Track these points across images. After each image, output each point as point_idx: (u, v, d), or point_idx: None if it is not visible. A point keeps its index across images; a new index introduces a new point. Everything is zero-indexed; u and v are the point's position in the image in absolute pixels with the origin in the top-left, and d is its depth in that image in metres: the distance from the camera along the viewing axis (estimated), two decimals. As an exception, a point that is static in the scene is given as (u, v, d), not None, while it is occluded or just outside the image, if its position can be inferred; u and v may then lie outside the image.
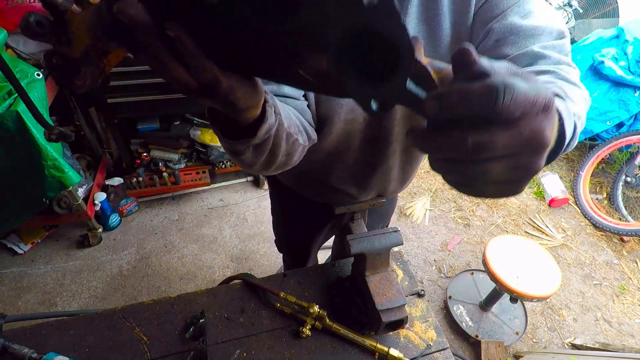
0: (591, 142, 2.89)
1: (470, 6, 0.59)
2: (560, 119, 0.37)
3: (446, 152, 0.25)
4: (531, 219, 2.57)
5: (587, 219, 2.58)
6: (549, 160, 0.34)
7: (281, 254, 1.56)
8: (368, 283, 0.82)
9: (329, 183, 0.94)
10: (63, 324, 0.86)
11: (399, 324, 0.81)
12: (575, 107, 0.44)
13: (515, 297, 1.63)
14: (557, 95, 0.42)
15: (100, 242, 2.20)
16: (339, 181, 0.93)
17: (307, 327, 0.85)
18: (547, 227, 2.52)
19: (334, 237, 1.33)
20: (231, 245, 2.26)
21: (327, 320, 0.85)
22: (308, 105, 0.69)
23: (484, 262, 1.69)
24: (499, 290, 1.70)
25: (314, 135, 0.70)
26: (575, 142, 0.45)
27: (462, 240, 2.40)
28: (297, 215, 1.16)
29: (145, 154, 2.34)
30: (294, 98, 0.67)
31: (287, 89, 0.65)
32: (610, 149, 2.66)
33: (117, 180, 2.38)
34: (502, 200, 2.67)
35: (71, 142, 2.22)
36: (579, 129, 0.44)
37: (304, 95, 0.68)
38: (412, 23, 0.61)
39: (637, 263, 2.36)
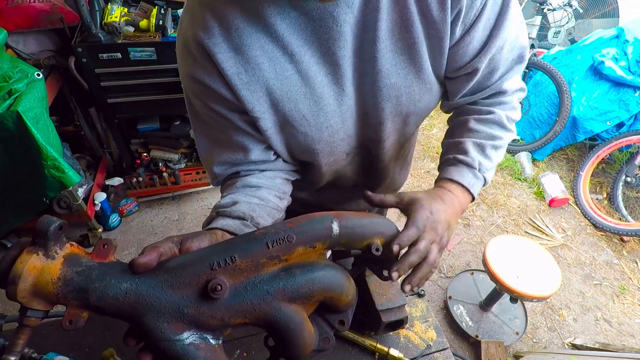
0: (591, 142, 2.89)
1: (443, 32, 0.59)
2: (472, 192, 0.69)
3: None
4: (531, 219, 2.57)
5: (587, 219, 2.58)
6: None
7: None
8: (368, 283, 0.81)
9: (330, 205, 0.97)
10: (63, 324, 0.86)
11: (399, 324, 0.80)
12: (491, 163, 0.71)
13: (515, 297, 1.63)
14: (482, 164, 0.69)
15: (100, 242, 2.20)
16: (340, 200, 0.96)
17: (307, 327, 0.84)
18: (547, 227, 2.52)
19: None
20: (231, 245, 2.26)
21: (327, 321, 0.85)
22: (284, 159, 0.73)
23: (484, 262, 1.69)
24: (499, 290, 1.70)
25: (296, 176, 0.79)
26: (489, 182, 0.72)
27: (462, 240, 2.40)
28: None
29: (145, 154, 2.34)
30: (265, 161, 0.70)
31: (254, 156, 0.68)
32: (610, 149, 2.66)
33: (117, 180, 2.38)
34: (502, 200, 2.67)
35: (71, 142, 2.22)
36: (490, 177, 0.72)
37: (275, 153, 0.71)
38: (387, 56, 0.60)
39: (637, 263, 2.36)
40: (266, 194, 0.68)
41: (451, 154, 0.70)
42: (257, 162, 0.70)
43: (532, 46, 2.96)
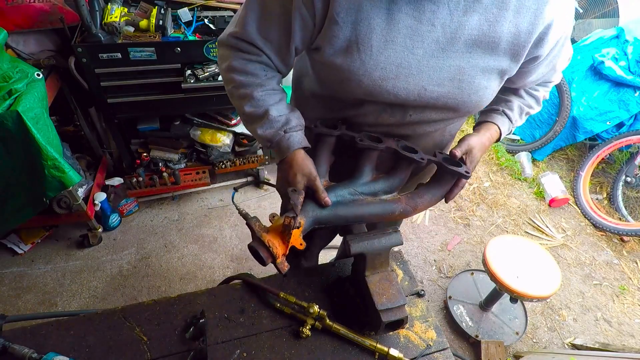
0: (591, 142, 2.89)
1: (526, 42, 0.71)
2: (501, 134, 0.92)
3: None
4: (531, 219, 2.57)
5: (587, 219, 2.58)
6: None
7: None
8: (368, 283, 0.82)
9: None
10: (63, 324, 0.86)
11: (399, 323, 0.80)
12: (518, 124, 0.95)
13: (515, 297, 1.63)
14: (516, 117, 0.94)
15: (100, 242, 2.20)
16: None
17: (307, 327, 0.85)
18: (547, 227, 2.52)
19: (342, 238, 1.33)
20: (231, 245, 2.26)
21: (327, 320, 0.85)
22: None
23: (484, 262, 1.69)
24: (499, 290, 1.70)
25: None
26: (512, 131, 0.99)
27: (462, 240, 2.40)
28: None
29: (145, 154, 2.34)
30: (287, 63, 0.82)
31: (293, 44, 0.76)
32: (610, 149, 2.66)
33: (117, 180, 2.38)
34: (502, 200, 2.67)
35: (71, 142, 2.22)
36: (515, 126, 0.95)
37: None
38: (468, 42, 0.69)
39: (637, 263, 2.36)
40: (286, 99, 0.84)
41: (501, 107, 0.92)
42: (283, 56, 0.79)
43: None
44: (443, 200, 0.88)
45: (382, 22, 0.67)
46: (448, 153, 0.86)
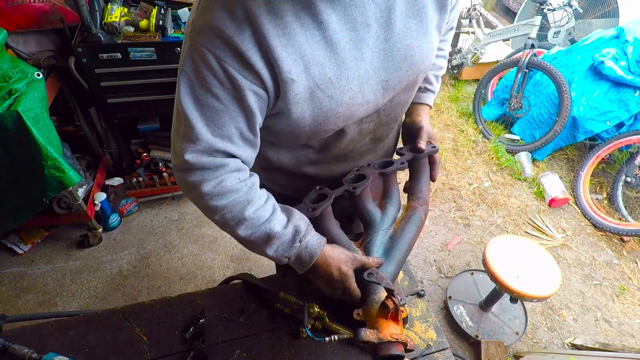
0: (591, 142, 2.89)
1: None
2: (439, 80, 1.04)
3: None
4: (531, 219, 2.57)
5: (587, 219, 2.58)
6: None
7: None
8: (368, 283, 0.82)
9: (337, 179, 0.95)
10: (63, 324, 0.86)
11: (399, 324, 0.80)
12: (438, 87, 1.03)
13: (515, 297, 1.63)
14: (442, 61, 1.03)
15: (100, 242, 2.20)
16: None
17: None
18: (547, 227, 2.52)
19: None
20: (231, 245, 2.26)
21: (327, 320, 0.85)
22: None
23: (484, 262, 1.69)
24: (499, 290, 1.70)
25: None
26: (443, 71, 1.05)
27: (462, 240, 2.40)
28: None
29: (145, 154, 2.34)
30: (254, 143, 0.72)
31: (256, 123, 0.68)
32: (610, 149, 2.66)
33: (117, 180, 2.38)
34: (502, 200, 2.67)
35: (71, 142, 2.22)
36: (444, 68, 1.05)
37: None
38: (403, 20, 0.70)
39: (637, 263, 2.35)
40: (276, 202, 0.78)
41: (422, 84, 0.99)
42: (249, 141, 0.70)
43: (532, 46, 2.95)
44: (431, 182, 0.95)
45: (327, 52, 0.65)
46: (415, 146, 0.92)
